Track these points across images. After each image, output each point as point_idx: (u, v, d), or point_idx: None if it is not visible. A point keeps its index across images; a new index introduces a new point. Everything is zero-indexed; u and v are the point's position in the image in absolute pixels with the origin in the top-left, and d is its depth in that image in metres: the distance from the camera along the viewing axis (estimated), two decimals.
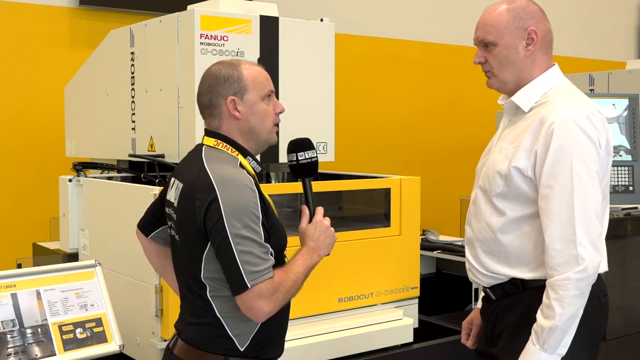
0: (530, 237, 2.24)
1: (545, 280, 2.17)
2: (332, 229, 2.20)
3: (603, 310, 2.33)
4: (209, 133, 2.20)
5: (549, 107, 2.23)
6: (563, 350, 2.13)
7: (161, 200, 2.32)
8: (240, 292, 1.99)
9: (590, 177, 2.14)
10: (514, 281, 2.29)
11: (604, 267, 2.31)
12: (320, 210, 2.21)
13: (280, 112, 2.23)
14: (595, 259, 2.12)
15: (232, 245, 1.97)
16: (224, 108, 2.16)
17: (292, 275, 2.07)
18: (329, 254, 2.21)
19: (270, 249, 2.03)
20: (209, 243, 2.04)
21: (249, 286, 1.97)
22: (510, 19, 2.29)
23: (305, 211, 2.21)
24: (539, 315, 2.15)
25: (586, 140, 2.15)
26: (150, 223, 2.37)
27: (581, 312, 2.13)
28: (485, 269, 2.35)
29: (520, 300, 2.28)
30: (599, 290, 2.26)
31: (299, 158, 2.23)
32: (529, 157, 2.21)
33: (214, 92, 2.16)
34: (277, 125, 2.23)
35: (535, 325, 2.16)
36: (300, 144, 2.25)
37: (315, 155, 2.25)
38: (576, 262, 2.10)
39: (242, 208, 2.00)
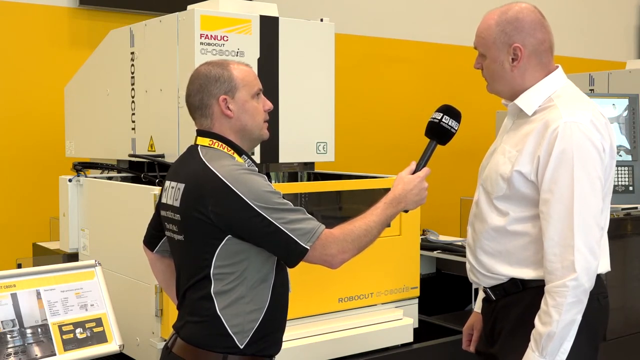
0: (532, 238, 2.24)
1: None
2: (426, 192, 2.25)
3: (602, 312, 2.32)
4: (202, 133, 2.21)
5: (553, 111, 2.22)
6: (563, 356, 2.13)
7: (158, 209, 2.32)
8: (302, 257, 2.04)
9: (590, 183, 2.13)
10: (514, 281, 2.29)
11: (605, 268, 2.30)
12: (426, 170, 2.27)
13: (269, 110, 2.26)
14: (592, 266, 2.12)
15: (272, 221, 2.01)
16: (215, 108, 2.17)
17: (363, 222, 2.12)
18: (407, 211, 2.26)
19: (305, 210, 2.08)
20: (227, 237, 2.05)
21: (308, 247, 2.02)
22: (497, 34, 2.28)
23: (412, 165, 2.27)
24: (537, 321, 2.15)
25: (589, 146, 2.14)
26: (153, 236, 2.38)
27: (579, 317, 2.12)
28: (486, 269, 2.35)
29: (520, 299, 2.28)
30: (599, 292, 2.25)
31: (443, 119, 2.30)
32: (532, 161, 2.20)
33: (205, 92, 2.17)
34: (267, 122, 2.26)
35: (533, 332, 2.15)
36: (452, 111, 2.32)
37: (455, 129, 2.31)
38: (573, 268, 2.10)
39: (262, 190, 2.04)
